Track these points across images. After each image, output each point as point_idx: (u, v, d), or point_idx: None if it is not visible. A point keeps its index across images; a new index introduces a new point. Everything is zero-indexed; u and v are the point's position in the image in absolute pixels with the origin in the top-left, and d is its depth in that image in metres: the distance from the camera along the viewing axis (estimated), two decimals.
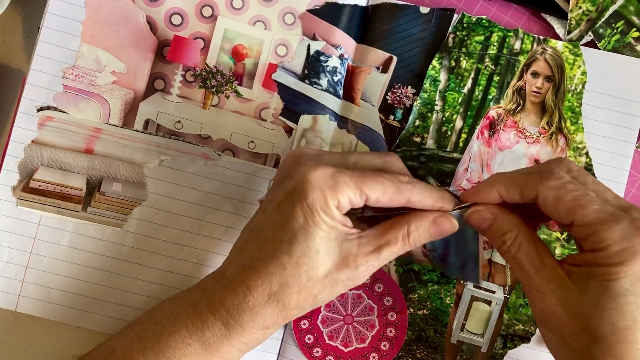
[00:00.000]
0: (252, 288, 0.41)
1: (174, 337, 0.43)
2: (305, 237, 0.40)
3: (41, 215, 0.52)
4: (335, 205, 0.40)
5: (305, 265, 0.40)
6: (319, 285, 0.41)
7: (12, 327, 0.53)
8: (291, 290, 0.40)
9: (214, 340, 0.42)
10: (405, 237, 0.41)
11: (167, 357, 0.42)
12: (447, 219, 0.41)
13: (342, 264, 0.40)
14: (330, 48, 0.55)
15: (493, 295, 0.53)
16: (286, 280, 0.40)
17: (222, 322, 0.42)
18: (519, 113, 0.55)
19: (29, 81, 0.52)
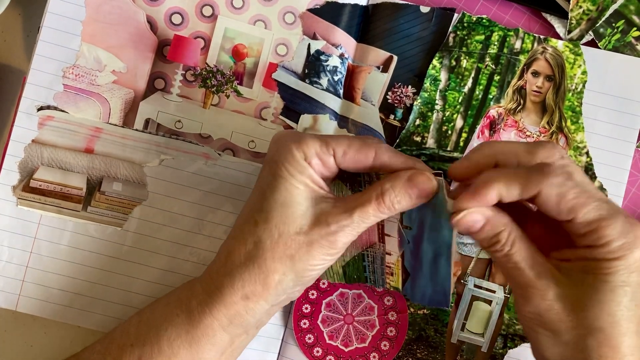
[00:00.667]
0: (231, 251, 0.42)
1: (166, 307, 0.44)
2: (272, 190, 0.40)
3: (41, 214, 0.52)
4: (302, 157, 0.40)
5: (274, 218, 0.40)
6: (293, 244, 0.40)
7: (12, 326, 0.53)
8: (264, 247, 0.40)
9: (197, 310, 0.42)
10: (379, 196, 0.40)
11: (157, 327, 0.43)
12: (425, 175, 0.40)
13: (314, 223, 0.40)
14: (331, 47, 0.55)
15: (493, 294, 0.53)
16: (259, 237, 0.40)
17: (206, 290, 0.42)
18: (520, 112, 0.55)
19: (29, 81, 0.52)
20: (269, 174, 0.41)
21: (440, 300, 0.44)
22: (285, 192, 0.40)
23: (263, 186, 0.42)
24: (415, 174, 0.40)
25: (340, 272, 0.46)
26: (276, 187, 0.40)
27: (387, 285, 0.45)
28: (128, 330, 0.44)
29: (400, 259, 0.44)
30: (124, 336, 0.44)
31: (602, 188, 0.54)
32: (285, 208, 0.40)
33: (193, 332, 0.42)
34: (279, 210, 0.40)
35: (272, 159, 0.41)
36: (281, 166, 0.40)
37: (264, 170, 0.42)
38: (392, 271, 0.45)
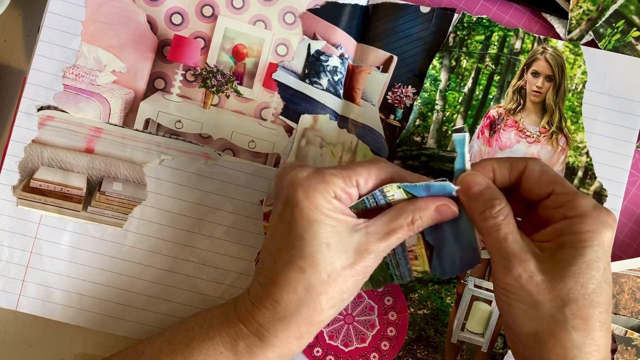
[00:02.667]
0: (279, 300, 0.41)
1: (206, 343, 0.43)
2: (313, 235, 0.41)
3: (42, 214, 0.52)
4: (332, 196, 0.42)
5: (321, 262, 0.41)
6: (341, 279, 0.41)
7: (12, 326, 0.53)
8: (317, 291, 0.41)
9: (246, 351, 0.42)
10: (410, 224, 0.42)
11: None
12: (449, 207, 0.43)
13: (356, 254, 0.42)
14: (331, 47, 0.55)
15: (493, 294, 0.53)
16: (309, 283, 0.41)
17: (256, 333, 0.42)
18: (520, 112, 0.55)
19: (29, 81, 0.52)
20: (303, 218, 0.41)
21: (472, 258, 0.44)
22: (325, 233, 0.41)
23: (299, 231, 0.41)
24: (442, 207, 0.43)
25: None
26: (316, 231, 0.41)
27: (414, 274, 0.46)
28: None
29: (420, 236, 0.45)
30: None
31: (602, 188, 0.54)
32: (329, 250, 0.41)
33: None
34: (325, 253, 0.41)
35: (301, 204, 0.41)
36: (315, 210, 0.41)
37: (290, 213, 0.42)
38: (415, 254, 0.45)
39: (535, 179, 0.42)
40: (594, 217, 0.40)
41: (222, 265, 0.53)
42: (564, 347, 0.39)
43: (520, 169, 0.43)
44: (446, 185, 0.42)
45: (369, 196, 0.43)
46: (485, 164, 0.44)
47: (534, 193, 0.43)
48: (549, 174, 0.42)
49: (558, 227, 0.41)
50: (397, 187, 0.43)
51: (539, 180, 0.42)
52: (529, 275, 0.39)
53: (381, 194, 0.43)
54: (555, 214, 0.42)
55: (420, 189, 0.43)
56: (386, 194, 0.43)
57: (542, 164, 0.43)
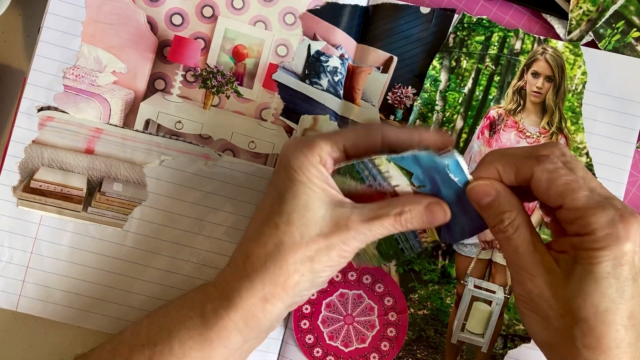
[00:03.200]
0: (250, 254, 0.42)
1: (179, 311, 0.44)
2: (293, 195, 0.41)
3: (42, 215, 0.52)
4: (318, 161, 0.42)
5: (297, 221, 0.41)
6: (314, 246, 0.41)
7: (12, 327, 0.53)
8: (285, 248, 0.41)
9: (212, 313, 0.42)
10: (398, 215, 0.41)
11: (169, 329, 0.43)
12: (441, 207, 0.42)
13: (335, 226, 0.41)
14: (331, 48, 0.55)
15: (493, 295, 0.53)
16: (280, 239, 0.41)
17: (221, 292, 0.43)
18: (520, 113, 0.55)
19: (29, 81, 0.52)
20: (286, 178, 0.42)
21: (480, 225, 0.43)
22: (305, 195, 0.41)
23: (281, 190, 0.42)
24: (433, 205, 0.42)
25: (376, 254, 0.46)
26: (296, 191, 0.41)
27: (424, 244, 0.45)
28: (139, 331, 0.44)
29: None
30: (134, 337, 0.44)
31: None
32: (306, 211, 0.41)
33: (206, 334, 0.42)
34: (301, 213, 0.41)
35: (288, 164, 0.42)
36: (299, 171, 0.41)
37: (279, 175, 0.43)
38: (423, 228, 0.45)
39: (542, 190, 0.39)
40: (606, 235, 0.37)
41: (222, 265, 0.53)
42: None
43: (526, 176, 0.39)
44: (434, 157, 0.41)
45: (359, 163, 0.42)
46: (490, 169, 0.41)
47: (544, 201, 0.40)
48: (557, 184, 0.38)
49: (573, 241, 0.38)
50: (387, 161, 0.42)
51: (546, 193, 0.39)
52: (540, 290, 0.38)
53: (372, 164, 0.42)
54: (567, 227, 0.39)
55: (409, 161, 0.41)
56: (378, 166, 0.42)
57: (551, 170, 0.38)
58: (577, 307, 0.37)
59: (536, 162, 0.39)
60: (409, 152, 0.41)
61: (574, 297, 0.37)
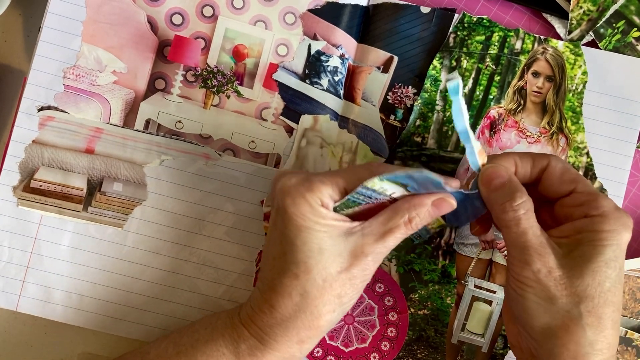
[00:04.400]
0: (275, 305, 0.42)
1: (209, 345, 0.43)
2: (303, 242, 0.41)
3: (42, 215, 0.52)
4: (319, 204, 0.41)
5: (315, 267, 0.41)
6: (338, 284, 0.41)
7: (12, 327, 0.53)
8: (312, 296, 0.41)
9: (247, 353, 0.43)
10: (407, 223, 0.42)
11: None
12: (446, 201, 0.43)
13: (352, 257, 0.41)
14: (331, 48, 0.55)
15: (494, 295, 0.53)
16: (304, 289, 0.41)
17: (256, 337, 0.43)
18: (520, 113, 0.55)
19: (29, 81, 0.52)
20: (291, 225, 0.41)
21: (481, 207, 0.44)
22: (316, 240, 0.41)
23: (289, 238, 0.42)
24: (441, 202, 0.42)
25: None
26: (306, 237, 0.41)
27: (431, 230, 0.46)
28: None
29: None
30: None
31: (603, 188, 0.54)
32: (322, 255, 0.41)
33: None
34: (317, 258, 0.41)
35: (290, 212, 0.41)
36: (303, 217, 0.41)
37: (282, 222, 0.42)
38: None
39: (557, 176, 0.43)
40: (615, 218, 0.40)
41: (222, 265, 0.53)
42: (577, 343, 0.39)
43: (542, 165, 0.43)
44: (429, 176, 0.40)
45: (353, 193, 0.42)
46: (508, 157, 0.43)
47: (554, 190, 0.43)
48: (571, 172, 0.43)
49: (577, 225, 0.41)
50: (379, 180, 0.41)
51: (560, 178, 0.42)
52: (548, 270, 0.39)
53: (365, 188, 0.42)
54: (575, 212, 0.42)
55: (403, 178, 0.41)
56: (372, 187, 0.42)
57: (564, 162, 0.43)
58: (585, 285, 0.39)
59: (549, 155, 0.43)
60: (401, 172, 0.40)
61: (582, 274, 0.39)
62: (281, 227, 0.42)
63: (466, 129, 0.40)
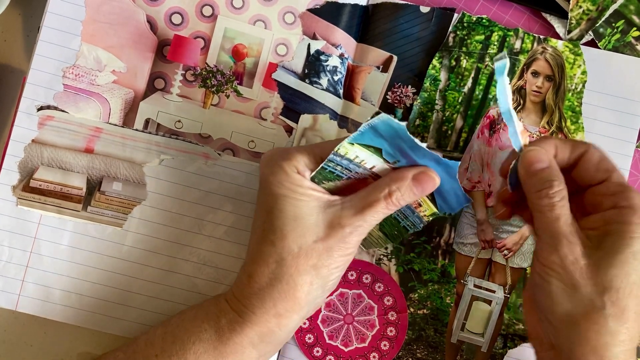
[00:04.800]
0: (253, 273, 0.42)
1: (193, 322, 0.44)
2: (280, 209, 0.42)
3: (41, 214, 0.52)
4: (295, 172, 0.42)
5: (290, 234, 0.41)
6: (314, 253, 0.41)
7: (12, 326, 0.53)
8: (287, 263, 0.41)
9: (227, 328, 0.43)
10: (387, 196, 0.42)
11: (183, 340, 0.43)
12: (428, 175, 0.42)
13: (329, 228, 0.42)
14: (331, 47, 0.55)
15: (493, 294, 0.53)
16: (279, 255, 0.41)
17: (235, 309, 0.43)
18: (520, 112, 0.55)
19: (29, 80, 0.52)
20: (269, 194, 0.43)
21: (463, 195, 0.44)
22: (292, 207, 0.42)
23: (268, 206, 0.43)
24: (420, 175, 0.42)
25: (382, 236, 0.46)
26: (282, 205, 0.42)
27: (425, 219, 0.46)
28: (153, 341, 0.45)
29: None
30: (148, 347, 0.44)
31: None
32: (297, 222, 0.41)
33: (221, 348, 0.43)
34: (292, 225, 0.41)
35: (268, 180, 0.43)
36: (279, 184, 0.42)
37: (262, 193, 0.44)
38: (418, 202, 0.45)
39: (594, 163, 0.42)
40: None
41: (221, 265, 0.53)
42: (598, 332, 0.38)
43: (581, 151, 0.43)
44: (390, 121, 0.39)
45: (326, 162, 0.42)
46: (549, 141, 0.43)
47: (589, 177, 0.43)
48: (608, 161, 0.42)
49: (607, 216, 0.41)
50: (350, 144, 0.41)
51: (597, 166, 0.42)
52: (575, 257, 0.39)
53: (338, 156, 0.41)
54: (605, 201, 0.41)
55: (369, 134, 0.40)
56: (345, 155, 0.41)
57: (602, 151, 0.43)
58: (611, 276, 0.38)
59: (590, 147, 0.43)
60: (364, 124, 0.40)
61: (610, 266, 0.39)
62: (261, 197, 0.43)
63: (509, 109, 0.40)
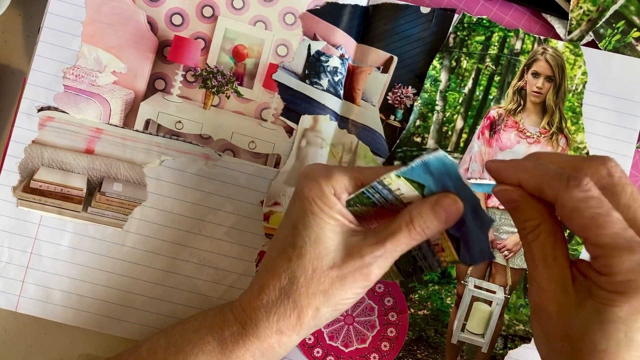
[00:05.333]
0: (265, 285, 0.42)
1: (197, 333, 0.43)
2: (305, 226, 0.41)
3: (41, 215, 0.52)
4: (332, 192, 0.41)
5: (308, 254, 0.40)
6: (327, 279, 0.40)
7: (12, 327, 0.53)
8: (298, 283, 0.41)
9: (230, 340, 0.42)
10: (409, 223, 0.40)
11: (186, 352, 0.43)
12: (450, 198, 0.40)
13: (346, 255, 0.40)
14: (331, 48, 0.55)
15: (494, 295, 0.53)
16: (293, 273, 0.41)
17: (240, 321, 0.43)
18: (520, 113, 0.55)
19: (29, 81, 0.52)
20: (299, 208, 0.42)
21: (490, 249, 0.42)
22: (317, 227, 0.41)
23: (294, 219, 0.42)
24: (441, 199, 0.40)
25: (395, 269, 0.45)
26: (308, 223, 0.41)
27: (443, 264, 0.43)
28: (156, 351, 0.44)
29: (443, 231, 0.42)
30: (151, 356, 0.44)
31: None
32: (317, 244, 0.41)
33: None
34: (312, 247, 0.41)
35: (302, 193, 0.42)
36: (312, 202, 0.41)
37: (293, 204, 0.43)
38: (441, 247, 0.43)
39: (566, 218, 0.35)
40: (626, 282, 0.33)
41: (222, 266, 0.53)
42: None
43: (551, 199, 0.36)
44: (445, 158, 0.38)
45: (368, 188, 0.41)
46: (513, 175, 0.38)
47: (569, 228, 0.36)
48: (583, 216, 0.34)
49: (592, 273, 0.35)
50: (397, 177, 0.40)
51: (570, 222, 0.35)
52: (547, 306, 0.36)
53: (381, 185, 0.40)
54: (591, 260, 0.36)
55: (419, 170, 0.39)
56: (388, 185, 0.40)
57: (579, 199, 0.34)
58: (577, 338, 0.35)
59: (562, 187, 0.35)
60: (417, 160, 0.39)
61: (577, 326, 0.35)
62: (291, 207, 0.42)
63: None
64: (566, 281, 0.36)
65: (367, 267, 0.40)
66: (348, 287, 0.41)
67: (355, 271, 0.40)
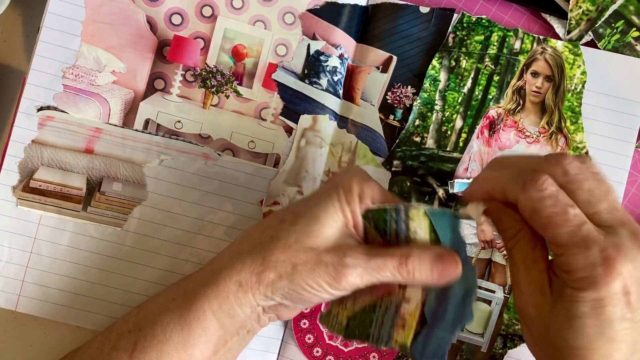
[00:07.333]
0: (247, 236, 0.42)
1: (165, 294, 0.44)
2: (315, 202, 0.41)
3: (41, 215, 0.52)
4: (358, 192, 0.41)
5: (300, 224, 0.40)
6: (302, 255, 0.39)
7: (12, 327, 0.53)
8: (277, 244, 0.40)
9: (192, 292, 0.42)
10: (403, 257, 0.39)
11: (154, 313, 0.43)
12: (454, 259, 0.39)
13: (332, 248, 0.40)
14: (330, 48, 0.55)
15: (493, 294, 0.53)
16: (276, 233, 0.41)
17: (205, 270, 0.43)
18: (519, 113, 0.55)
19: (29, 81, 0.52)
20: (323, 189, 0.42)
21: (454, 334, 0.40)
22: (325, 209, 0.40)
23: (312, 195, 0.43)
24: (446, 256, 0.39)
25: (343, 323, 0.42)
26: (321, 201, 0.41)
27: (392, 342, 0.41)
28: (128, 319, 0.45)
29: (419, 306, 0.40)
30: (123, 324, 0.45)
31: None
32: (314, 221, 0.40)
33: (186, 314, 0.41)
34: (308, 221, 0.40)
35: (334, 181, 0.42)
36: (338, 189, 0.41)
37: (322, 187, 0.44)
38: (404, 323, 0.41)
39: (528, 219, 0.36)
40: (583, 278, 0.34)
41: None
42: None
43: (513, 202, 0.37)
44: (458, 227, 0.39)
45: (392, 208, 0.40)
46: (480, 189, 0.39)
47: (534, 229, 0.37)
48: (541, 216, 0.35)
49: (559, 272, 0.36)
50: (424, 214, 0.39)
51: (532, 223, 0.36)
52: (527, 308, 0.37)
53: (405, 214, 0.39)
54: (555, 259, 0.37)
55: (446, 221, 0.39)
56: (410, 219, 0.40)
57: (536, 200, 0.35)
58: (554, 337, 0.36)
59: (520, 188, 0.36)
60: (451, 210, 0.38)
61: (553, 326, 0.36)
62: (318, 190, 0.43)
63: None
64: (544, 283, 0.37)
65: (344, 268, 0.39)
66: (317, 274, 0.39)
67: (331, 265, 0.39)
